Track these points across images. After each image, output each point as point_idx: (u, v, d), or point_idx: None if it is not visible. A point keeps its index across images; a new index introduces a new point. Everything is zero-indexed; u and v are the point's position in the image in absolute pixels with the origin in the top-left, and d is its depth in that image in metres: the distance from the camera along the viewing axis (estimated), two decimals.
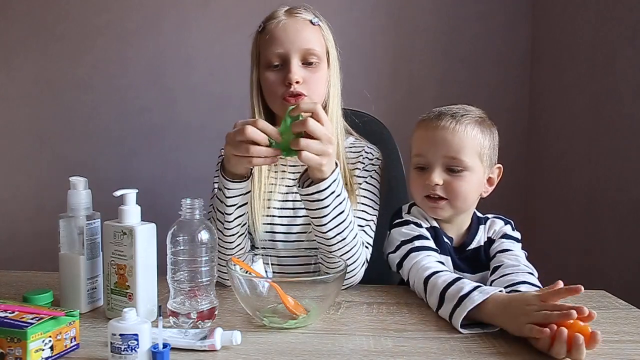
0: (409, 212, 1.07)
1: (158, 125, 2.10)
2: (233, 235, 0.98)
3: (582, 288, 0.73)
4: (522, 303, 0.75)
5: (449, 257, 1.02)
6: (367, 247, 1.04)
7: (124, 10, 2.07)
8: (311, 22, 1.06)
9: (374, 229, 1.08)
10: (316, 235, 0.97)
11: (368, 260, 1.04)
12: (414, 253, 0.97)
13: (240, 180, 0.94)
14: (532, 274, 0.92)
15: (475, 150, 0.99)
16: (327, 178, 0.89)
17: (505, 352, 0.73)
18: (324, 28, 1.09)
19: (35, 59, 2.09)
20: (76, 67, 2.09)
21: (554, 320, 0.70)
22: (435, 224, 1.04)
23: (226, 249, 0.98)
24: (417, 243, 0.98)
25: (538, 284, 0.89)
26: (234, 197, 0.94)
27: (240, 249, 1.01)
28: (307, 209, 0.94)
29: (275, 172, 1.12)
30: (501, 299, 0.78)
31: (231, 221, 0.96)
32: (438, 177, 0.98)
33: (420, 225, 1.02)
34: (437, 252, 0.99)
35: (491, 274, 0.96)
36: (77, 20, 2.07)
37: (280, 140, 0.85)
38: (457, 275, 0.88)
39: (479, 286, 0.82)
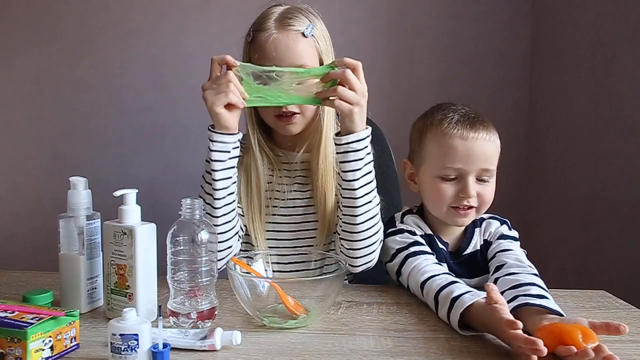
0: (402, 222, 1.07)
1: (158, 125, 2.10)
2: (221, 199, 0.98)
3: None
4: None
5: (445, 264, 1.02)
6: None
7: (124, 10, 2.07)
8: (303, 34, 1.01)
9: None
10: (344, 198, 0.98)
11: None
12: (410, 259, 0.97)
13: (226, 133, 0.95)
14: (536, 275, 0.90)
15: (497, 156, 1.01)
16: (365, 129, 0.94)
17: (506, 352, 0.73)
18: (319, 37, 1.04)
19: (35, 59, 2.08)
20: (76, 67, 2.08)
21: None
22: (429, 231, 1.04)
23: (214, 217, 0.98)
24: (412, 249, 0.98)
25: (544, 286, 0.86)
26: (218, 151, 0.96)
27: (231, 228, 1.01)
28: (342, 162, 0.96)
29: (272, 169, 1.12)
30: (483, 307, 0.77)
31: (217, 180, 0.96)
32: (473, 188, 0.97)
33: (414, 233, 1.02)
34: (434, 256, 0.99)
35: (493, 273, 0.95)
36: (77, 20, 2.07)
37: (246, 96, 0.93)
38: (453, 279, 0.88)
39: (470, 290, 0.82)
